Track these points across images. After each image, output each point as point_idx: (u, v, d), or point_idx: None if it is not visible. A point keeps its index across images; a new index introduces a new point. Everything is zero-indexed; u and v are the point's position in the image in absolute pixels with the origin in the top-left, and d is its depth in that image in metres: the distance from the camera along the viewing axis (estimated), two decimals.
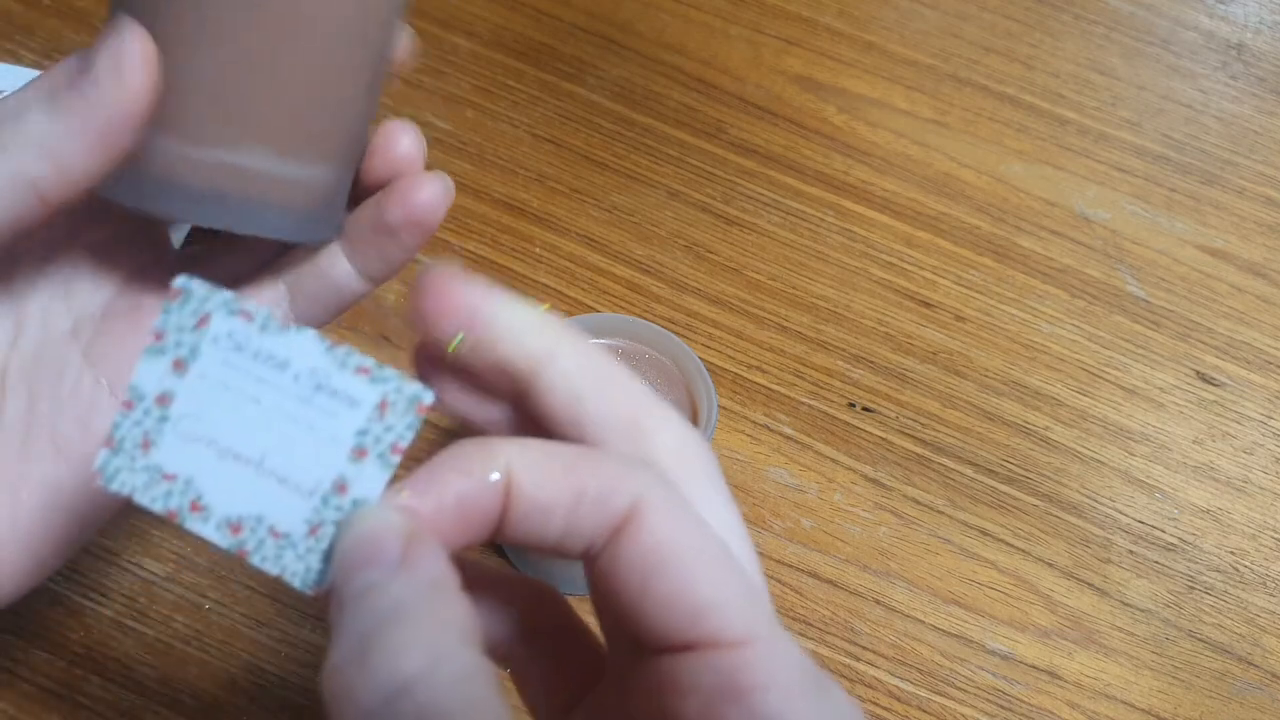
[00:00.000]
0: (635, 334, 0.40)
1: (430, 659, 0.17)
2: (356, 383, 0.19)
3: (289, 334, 0.19)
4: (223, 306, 0.19)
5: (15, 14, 0.60)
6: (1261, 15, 0.77)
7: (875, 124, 0.65)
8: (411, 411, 0.20)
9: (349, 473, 0.20)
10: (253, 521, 0.20)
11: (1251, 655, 0.47)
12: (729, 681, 0.19)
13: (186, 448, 0.20)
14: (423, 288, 0.23)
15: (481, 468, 0.20)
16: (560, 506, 0.20)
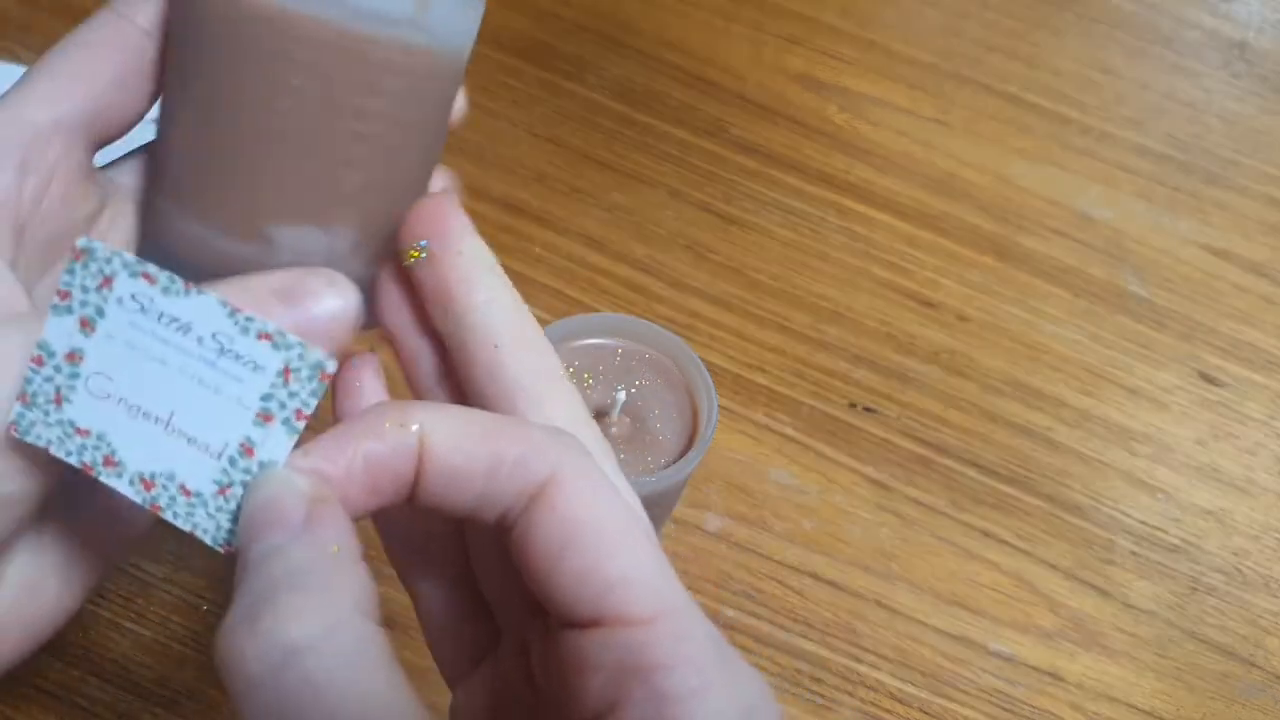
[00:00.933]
0: (635, 334, 0.40)
1: (321, 627, 0.17)
2: (260, 348, 0.19)
3: (191, 297, 0.19)
4: (124, 269, 0.19)
5: (13, 13, 0.60)
6: (1264, 14, 0.77)
7: (877, 123, 0.65)
8: (315, 378, 0.20)
9: (255, 435, 0.20)
10: (164, 478, 0.20)
11: (1254, 656, 0.47)
12: (635, 659, 0.19)
13: (98, 404, 0.20)
14: (421, 201, 0.24)
15: (394, 430, 0.20)
16: (476, 472, 0.20)
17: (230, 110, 0.24)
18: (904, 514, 0.48)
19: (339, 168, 0.24)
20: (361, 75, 0.24)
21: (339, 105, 0.24)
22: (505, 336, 0.23)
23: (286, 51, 0.23)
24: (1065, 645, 0.46)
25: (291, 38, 0.23)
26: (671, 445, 0.38)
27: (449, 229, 0.24)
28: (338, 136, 0.24)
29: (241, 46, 0.24)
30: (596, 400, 0.39)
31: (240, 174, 0.24)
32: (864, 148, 0.63)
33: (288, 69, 0.24)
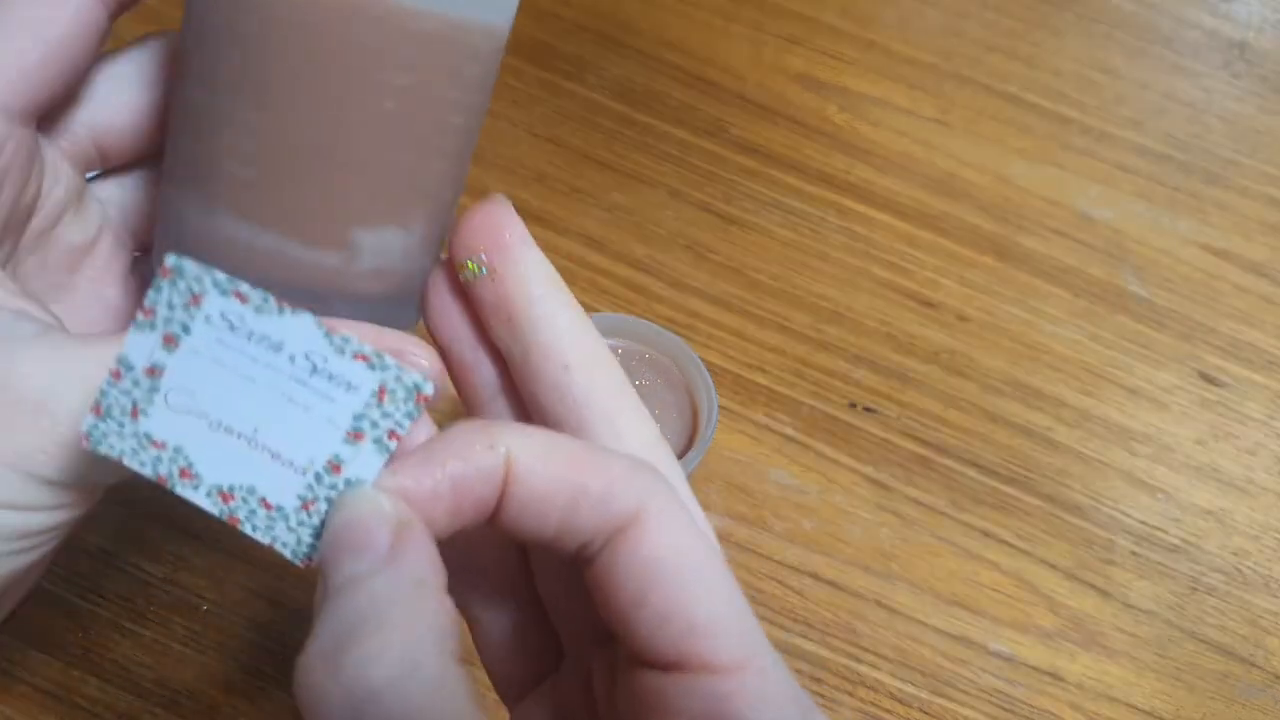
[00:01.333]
0: (635, 334, 0.40)
1: (403, 667, 0.17)
2: (355, 368, 0.19)
3: (285, 316, 0.19)
4: (215, 287, 0.19)
5: None
6: (1264, 14, 0.77)
7: (877, 123, 0.65)
8: (411, 400, 0.19)
9: (344, 453, 0.20)
10: (244, 491, 0.20)
11: (1254, 657, 0.47)
12: (719, 709, 0.19)
13: (176, 418, 0.19)
14: (473, 208, 0.23)
15: (481, 451, 0.19)
16: (559, 500, 0.20)
17: (323, 111, 0.22)
18: (904, 514, 0.48)
19: (426, 162, 0.23)
20: (454, 64, 0.23)
21: (436, 98, 0.23)
22: (574, 355, 0.22)
23: (393, 47, 0.22)
24: (1065, 645, 0.46)
25: (400, 32, 0.22)
26: (671, 445, 0.38)
27: (509, 241, 0.23)
28: (430, 130, 0.23)
29: (341, 44, 0.22)
30: None
31: (331, 177, 0.23)
32: (864, 148, 0.63)
33: (393, 65, 0.22)
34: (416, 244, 0.24)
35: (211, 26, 0.22)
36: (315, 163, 0.22)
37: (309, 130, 0.22)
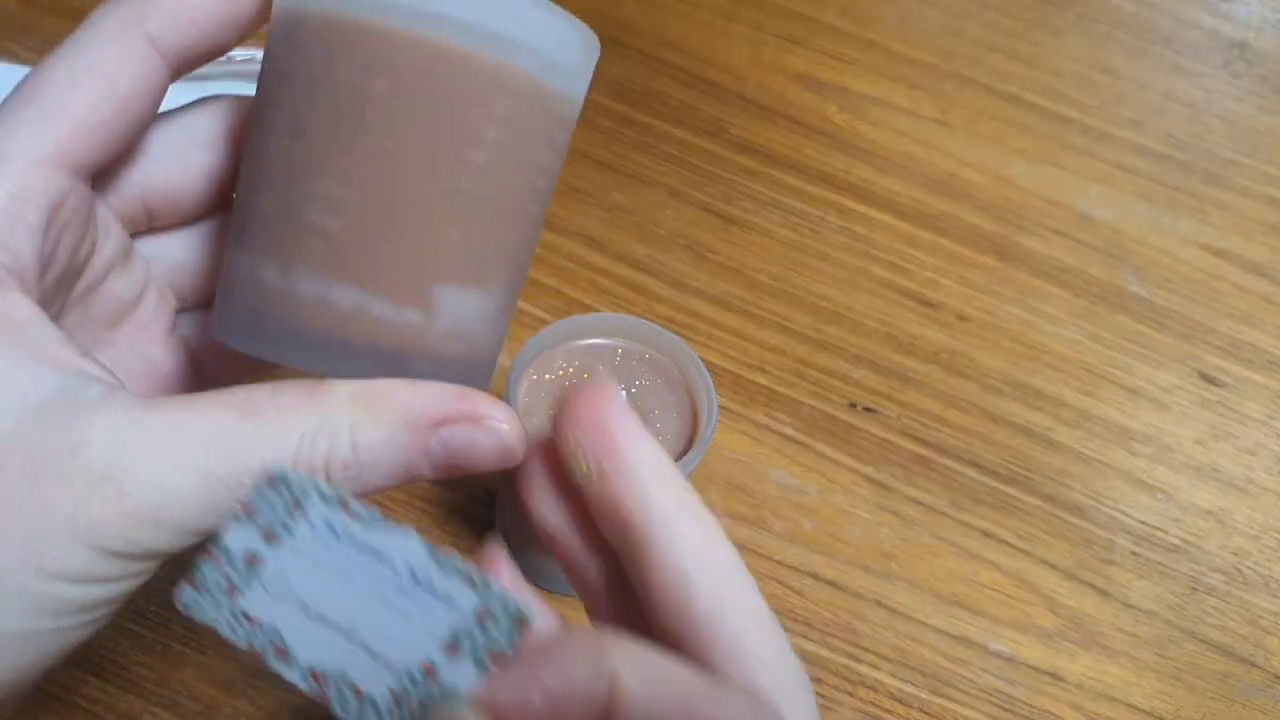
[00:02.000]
0: (635, 334, 0.40)
1: None
2: (457, 586, 0.19)
3: (392, 533, 0.19)
4: (320, 498, 0.19)
5: (13, 12, 0.60)
6: (1264, 14, 0.77)
7: (877, 123, 0.65)
8: (514, 629, 0.19)
9: (439, 660, 0.19)
10: (336, 675, 0.20)
11: (1254, 657, 0.47)
12: None
13: (274, 603, 0.20)
14: (576, 398, 0.21)
15: (585, 673, 0.18)
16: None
17: (414, 164, 0.22)
18: (904, 514, 0.48)
19: (508, 222, 0.23)
20: (545, 127, 0.23)
21: (522, 158, 0.23)
22: (694, 567, 0.20)
23: (487, 102, 0.22)
24: (1065, 645, 0.46)
25: (496, 87, 0.22)
26: (671, 445, 0.38)
27: (618, 439, 0.21)
28: (519, 192, 0.23)
29: (437, 93, 0.22)
30: None
31: (418, 233, 0.22)
32: (864, 148, 0.63)
33: (485, 121, 0.22)
34: (494, 307, 0.24)
35: (301, 75, 0.22)
36: (403, 214, 0.22)
37: (399, 180, 0.22)
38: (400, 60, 0.21)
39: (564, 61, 0.23)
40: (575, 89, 0.24)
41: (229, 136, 0.27)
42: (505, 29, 0.22)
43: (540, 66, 0.22)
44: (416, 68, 0.21)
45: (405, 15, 0.21)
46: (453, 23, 0.21)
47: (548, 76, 0.22)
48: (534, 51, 0.22)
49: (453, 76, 0.21)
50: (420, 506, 0.45)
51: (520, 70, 0.22)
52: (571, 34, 0.23)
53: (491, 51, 0.21)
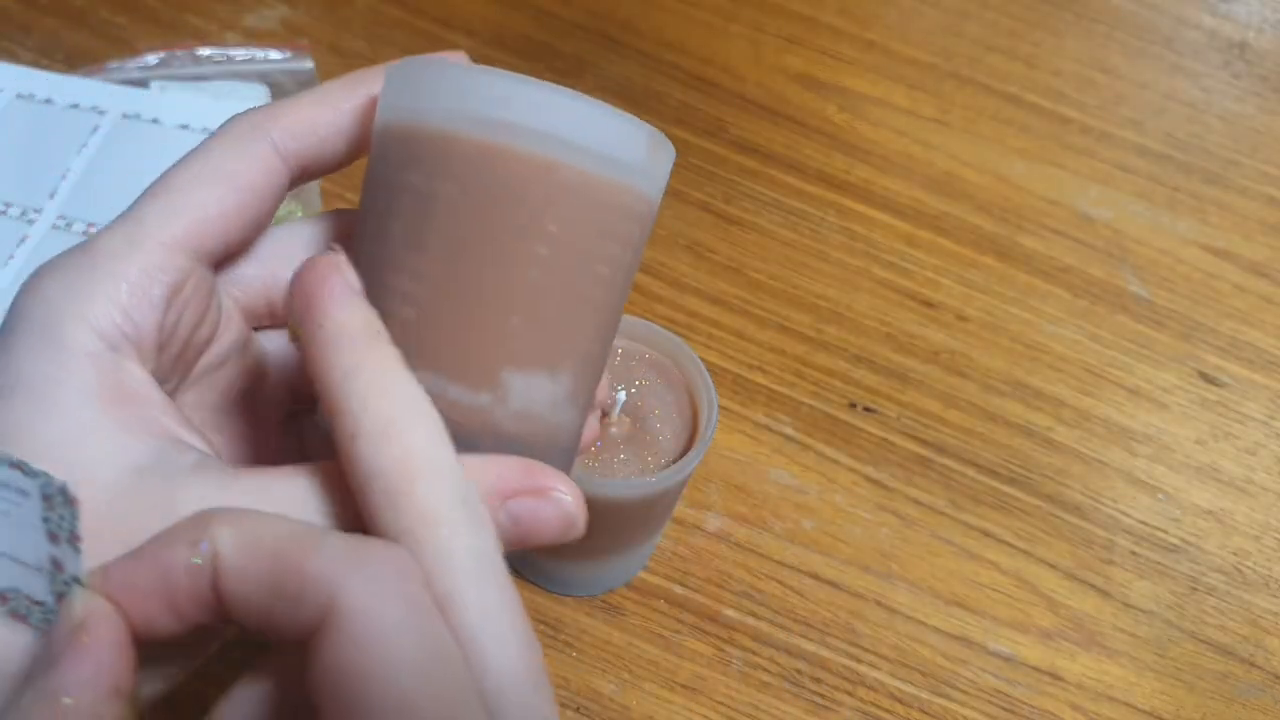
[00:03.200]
0: (635, 334, 0.40)
1: None
2: (16, 476, 0.19)
3: None
4: None
5: (13, 12, 0.60)
6: (1264, 14, 0.77)
7: (876, 123, 0.65)
8: (69, 505, 0.19)
9: (55, 553, 0.20)
10: (13, 593, 0.20)
11: (1254, 657, 0.47)
12: None
13: None
14: (303, 264, 0.22)
15: (185, 547, 0.19)
16: (256, 598, 0.19)
17: (480, 257, 0.24)
18: (904, 514, 0.48)
19: (576, 313, 0.25)
20: (607, 221, 0.24)
21: (588, 252, 0.24)
22: (363, 420, 0.20)
23: (550, 199, 0.24)
24: (1065, 645, 0.46)
25: (556, 187, 0.24)
26: (671, 445, 0.38)
27: (313, 295, 0.22)
28: (582, 282, 0.24)
29: (501, 195, 0.23)
30: (597, 400, 0.39)
31: (486, 321, 0.24)
32: (864, 148, 0.63)
33: (547, 216, 0.24)
34: (564, 393, 0.25)
35: (382, 181, 0.24)
36: (469, 305, 0.24)
37: (463, 273, 0.24)
38: (463, 164, 0.23)
39: (623, 157, 0.24)
40: (637, 182, 0.25)
41: (340, 240, 0.28)
42: (561, 130, 0.24)
43: (595, 163, 0.24)
44: (477, 170, 0.23)
45: (468, 123, 0.23)
46: (509, 128, 0.23)
47: (604, 170, 0.24)
48: (587, 150, 0.24)
49: (510, 177, 0.23)
50: None
51: (571, 168, 0.24)
52: (632, 130, 0.25)
53: (545, 151, 0.24)
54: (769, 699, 0.42)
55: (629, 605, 0.43)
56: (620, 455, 0.38)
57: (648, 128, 0.25)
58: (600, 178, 0.24)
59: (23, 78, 0.55)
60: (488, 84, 0.24)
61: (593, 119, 0.25)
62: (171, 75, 0.57)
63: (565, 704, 0.41)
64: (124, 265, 0.23)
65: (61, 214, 0.50)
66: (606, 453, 0.38)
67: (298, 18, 0.63)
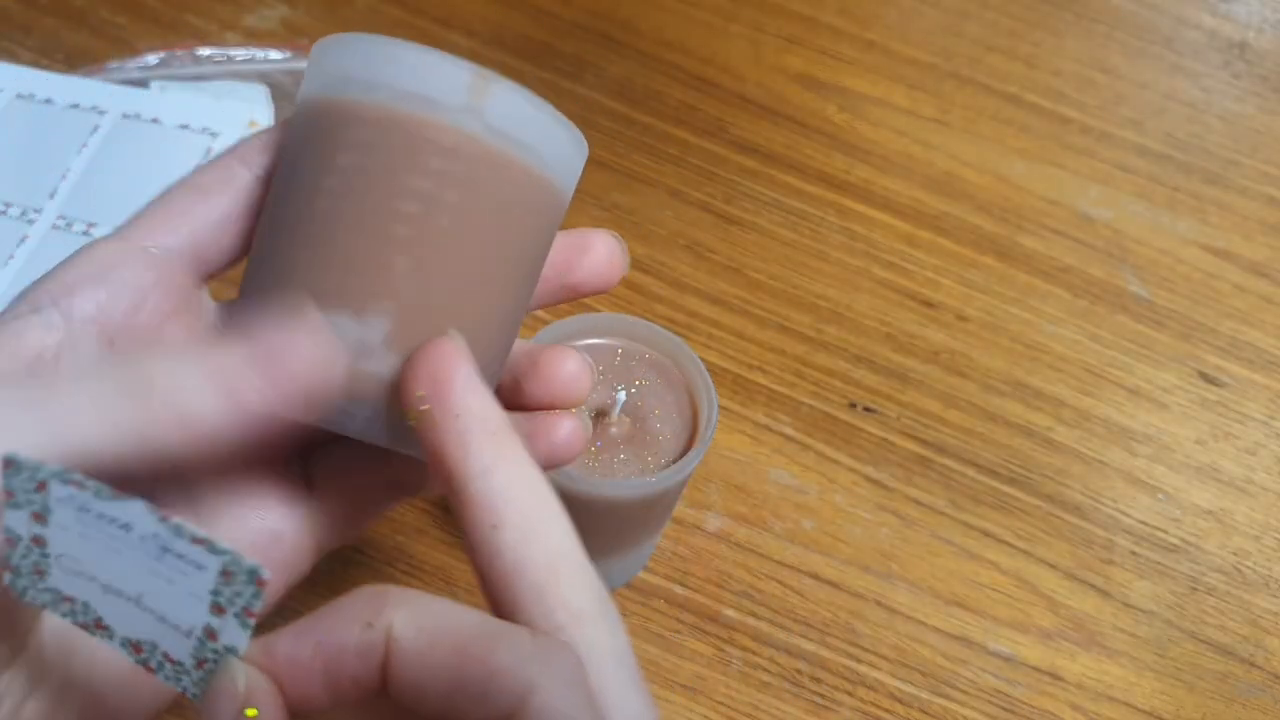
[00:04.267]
0: (635, 334, 0.40)
1: None
2: (197, 551, 0.19)
3: (120, 503, 0.19)
4: (53, 477, 0.19)
5: (13, 12, 0.60)
6: (1264, 14, 0.77)
7: (877, 123, 0.65)
8: (253, 584, 0.19)
9: (214, 623, 0.20)
10: (149, 646, 0.20)
11: (1254, 657, 0.47)
12: None
13: (73, 579, 0.20)
14: (422, 349, 0.22)
15: (359, 627, 0.19)
16: (433, 686, 0.19)
17: (282, 196, 0.25)
18: (904, 514, 0.48)
19: (376, 249, 0.24)
20: (405, 152, 0.24)
21: (381, 182, 0.24)
22: (507, 513, 0.21)
23: (334, 133, 0.24)
24: (1065, 645, 0.46)
25: (339, 119, 0.24)
26: (671, 445, 0.38)
27: (446, 382, 0.22)
28: (377, 214, 0.24)
29: (300, 134, 0.25)
30: (596, 400, 0.39)
31: (284, 255, 0.24)
32: (864, 148, 0.63)
33: (333, 149, 0.24)
34: (377, 340, 0.24)
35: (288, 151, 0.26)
36: (277, 240, 0.25)
37: (274, 214, 0.25)
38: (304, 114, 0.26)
39: (420, 91, 0.24)
40: (444, 116, 0.24)
41: None
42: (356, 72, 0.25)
43: (386, 95, 0.24)
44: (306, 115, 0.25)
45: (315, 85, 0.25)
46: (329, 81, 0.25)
47: (406, 106, 0.24)
48: (385, 86, 0.24)
49: (316, 117, 0.25)
50: (420, 506, 0.45)
51: (361, 103, 0.24)
52: (439, 66, 0.24)
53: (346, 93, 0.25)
54: (769, 699, 0.42)
55: (629, 605, 0.43)
56: (620, 455, 0.38)
57: (467, 66, 0.24)
58: (391, 109, 0.24)
59: (23, 78, 0.55)
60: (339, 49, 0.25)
61: (393, 57, 0.24)
62: (171, 75, 0.57)
63: None
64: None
65: (61, 214, 0.50)
66: (606, 453, 0.38)
67: (298, 18, 0.63)
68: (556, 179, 0.26)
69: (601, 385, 0.39)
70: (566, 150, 0.26)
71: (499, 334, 0.26)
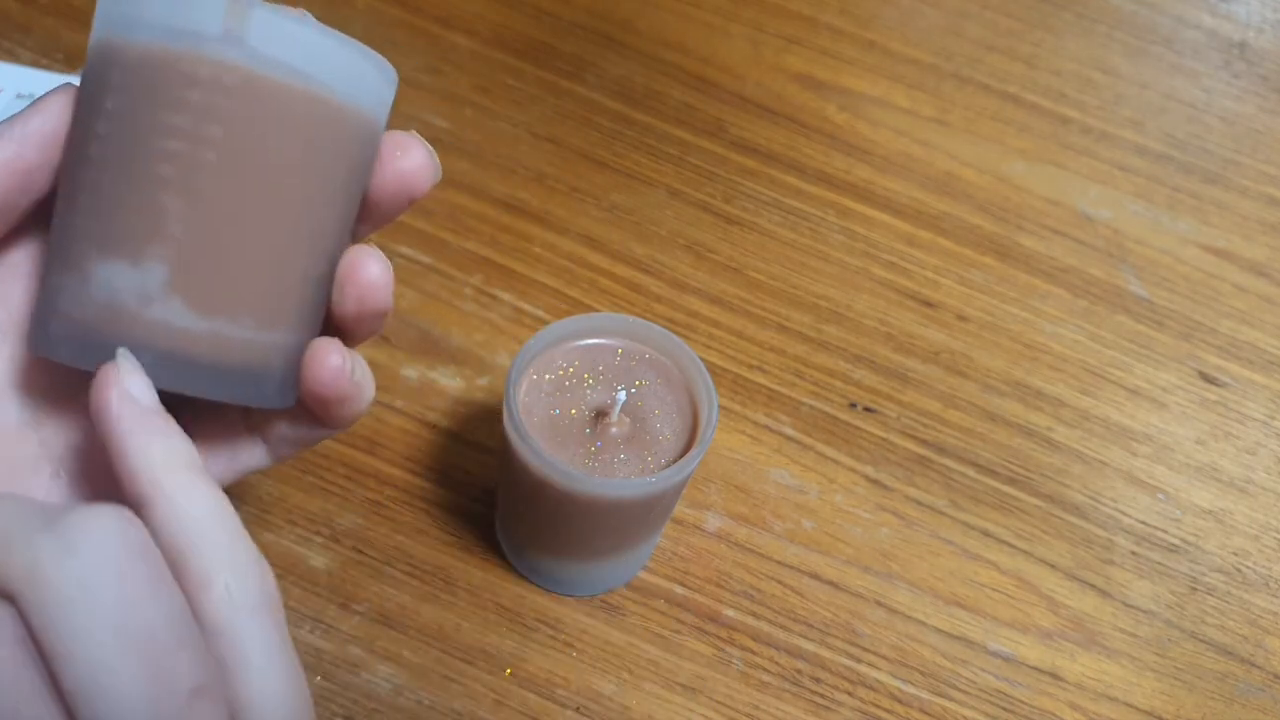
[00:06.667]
0: (635, 334, 0.40)
1: None
2: None
3: None
4: None
5: (13, 12, 0.60)
6: (1264, 14, 0.77)
7: (876, 123, 0.64)
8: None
9: None
10: None
11: (1254, 657, 0.47)
12: None
13: None
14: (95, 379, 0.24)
15: None
16: None
17: (69, 144, 0.25)
18: (904, 514, 0.48)
19: (144, 193, 0.23)
20: (163, 89, 0.23)
21: (142, 123, 0.23)
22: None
23: (103, 76, 0.24)
24: (1065, 645, 0.46)
25: (107, 62, 0.24)
26: (671, 445, 0.38)
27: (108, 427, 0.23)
28: (141, 157, 0.23)
29: (83, 81, 0.25)
30: (596, 400, 0.39)
31: (68, 204, 0.24)
32: (864, 147, 0.63)
33: (103, 93, 0.24)
34: (156, 286, 0.24)
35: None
36: (62, 194, 0.25)
37: (62, 168, 0.26)
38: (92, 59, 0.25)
39: (184, 25, 0.24)
40: (210, 49, 0.24)
41: None
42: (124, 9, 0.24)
43: (153, 34, 0.24)
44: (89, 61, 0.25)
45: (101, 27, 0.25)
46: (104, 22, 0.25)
47: (161, 40, 0.24)
48: (147, 23, 0.24)
49: (91, 59, 0.25)
50: (420, 506, 0.45)
51: (126, 40, 0.24)
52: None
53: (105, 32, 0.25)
54: (769, 699, 0.42)
55: (629, 605, 0.43)
56: (620, 455, 0.38)
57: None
58: (147, 46, 0.24)
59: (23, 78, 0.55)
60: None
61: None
62: None
63: (565, 704, 0.41)
64: None
65: None
66: (606, 453, 0.38)
67: None
68: (347, 102, 0.25)
69: (601, 385, 0.39)
70: (357, 71, 0.26)
71: (303, 261, 0.26)
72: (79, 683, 0.19)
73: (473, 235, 0.54)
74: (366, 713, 0.39)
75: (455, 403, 0.48)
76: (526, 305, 0.52)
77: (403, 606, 0.42)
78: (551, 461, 0.35)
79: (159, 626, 0.20)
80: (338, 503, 0.44)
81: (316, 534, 0.43)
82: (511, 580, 0.43)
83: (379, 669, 0.40)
